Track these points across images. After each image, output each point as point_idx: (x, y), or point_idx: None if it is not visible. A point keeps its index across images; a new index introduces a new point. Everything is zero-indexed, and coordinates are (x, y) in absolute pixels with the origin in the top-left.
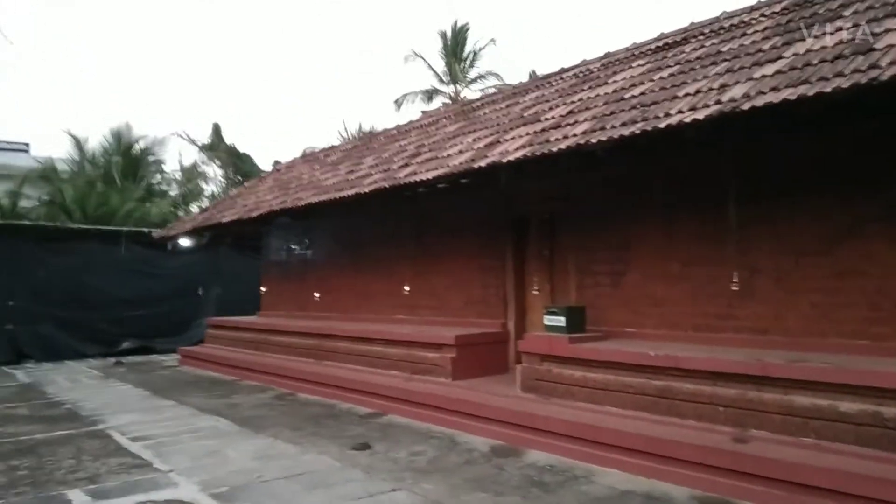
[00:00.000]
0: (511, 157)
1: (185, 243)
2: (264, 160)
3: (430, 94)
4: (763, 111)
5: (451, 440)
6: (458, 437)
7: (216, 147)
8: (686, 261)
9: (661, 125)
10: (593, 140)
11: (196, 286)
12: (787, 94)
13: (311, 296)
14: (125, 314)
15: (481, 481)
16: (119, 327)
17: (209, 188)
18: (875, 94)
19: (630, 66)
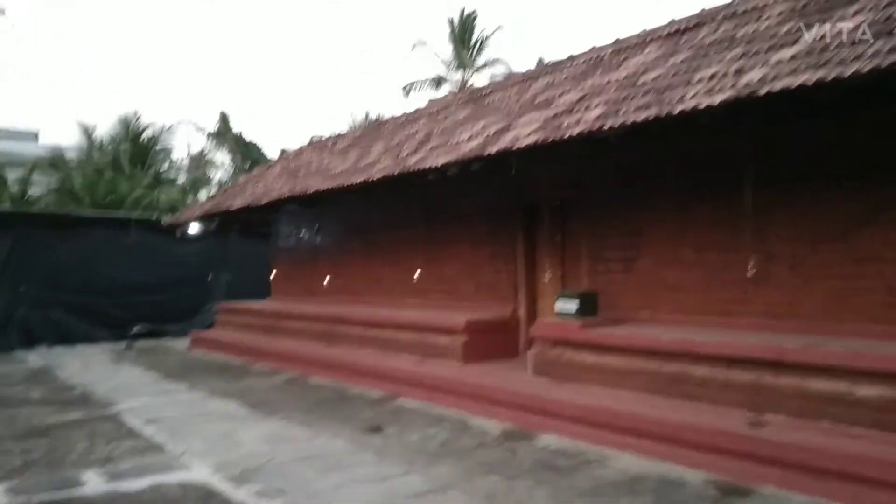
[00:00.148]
0: (523, 143)
1: (194, 230)
2: (271, 149)
3: (438, 81)
4: (780, 96)
5: (463, 423)
6: (469, 421)
7: (223, 135)
8: (700, 247)
9: (675, 110)
10: (606, 125)
11: (205, 272)
12: (804, 79)
13: (322, 281)
14: (135, 299)
15: (493, 464)
16: (130, 312)
17: (217, 175)
18: (895, 79)
19: (642, 52)
